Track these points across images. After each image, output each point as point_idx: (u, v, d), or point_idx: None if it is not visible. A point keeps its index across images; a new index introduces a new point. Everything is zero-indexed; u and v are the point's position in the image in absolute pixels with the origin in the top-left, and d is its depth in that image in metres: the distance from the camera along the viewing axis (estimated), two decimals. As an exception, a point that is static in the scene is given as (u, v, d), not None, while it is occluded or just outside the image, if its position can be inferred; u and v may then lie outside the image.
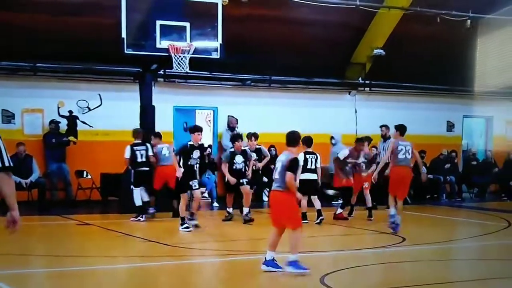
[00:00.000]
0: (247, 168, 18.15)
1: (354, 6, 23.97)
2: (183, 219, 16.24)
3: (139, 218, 18.28)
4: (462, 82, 28.06)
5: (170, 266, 12.60)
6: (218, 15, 20.82)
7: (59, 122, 22.42)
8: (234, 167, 17.87)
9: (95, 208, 21.30)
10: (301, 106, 25.58)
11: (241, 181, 17.89)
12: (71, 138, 22.40)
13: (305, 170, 16.61)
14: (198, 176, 16.89)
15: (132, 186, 18.48)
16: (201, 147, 16.76)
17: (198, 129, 16.79)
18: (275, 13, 24.17)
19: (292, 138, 11.47)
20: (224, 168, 18.03)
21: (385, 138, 21.34)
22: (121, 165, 19.98)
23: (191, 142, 16.42)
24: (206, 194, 22.46)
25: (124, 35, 19.87)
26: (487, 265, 12.94)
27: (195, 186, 16.54)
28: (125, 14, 19.88)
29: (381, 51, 26.19)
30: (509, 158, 27.28)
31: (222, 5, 20.87)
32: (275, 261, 11.08)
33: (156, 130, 21.38)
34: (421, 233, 16.77)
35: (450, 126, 28.88)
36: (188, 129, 16.96)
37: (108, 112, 23.08)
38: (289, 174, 10.95)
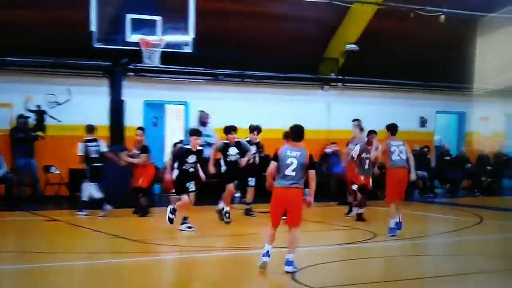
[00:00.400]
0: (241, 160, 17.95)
1: (327, 0, 24.17)
2: (185, 218, 16.09)
3: (84, 213, 18.72)
4: (436, 78, 28.36)
5: (139, 263, 12.69)
6: (190, 9, 21.03)
7: (28, 117, 22.44)
8: (228, 159, 17.67)
9: (64, 203, 21.27)
10: (274, 101, 25.66)
11: (234, 182, 17.78)
12: (39, 133, 22.41)
13: None
14: (194, 179, 16.34)
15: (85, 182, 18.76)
16: (199, 152, 16.35)
17: (196, 133, 16.51)
18: (248, 8, 24.24)
19: (299, 133, 11.50)
20: (212, 156, 17.86)
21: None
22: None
23: (188, 146, 16.24)
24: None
25: (94, 28, 20.05)
26: (460, 261, 13.23)
27: (191, 188, 16.09)
28: (95, 8, 20.03)
29: (355, 46, 26.33)
30: (482, 154, 27.65)
31: (195, -1, 21.55)
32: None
33: (126, 125, 22.01)
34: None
35: (423, 122, 29.00)
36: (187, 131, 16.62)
37: (77, 106, 22.97)
38: (313, 172, 11.21)
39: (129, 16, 20.74)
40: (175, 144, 23.16)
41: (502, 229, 18.01)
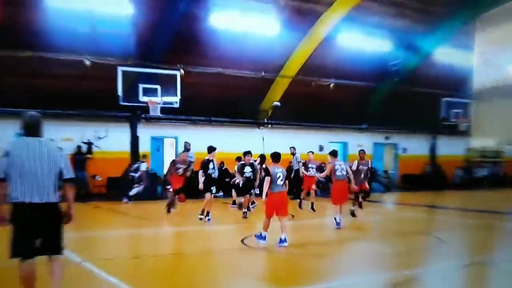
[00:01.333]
0: (254, 177, 17.02)
1: (261, 76, 26.30)
2: (204, 212, 15.49)
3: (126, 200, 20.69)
4: (328, 120, 29.20)
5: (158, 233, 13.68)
6: (177, 81, 22.46)
7: (81, 146, 23.23)
8: (244, 176, 16.82)
9: (104, 199, 21.87)
10: (229, 136, 26.09)
11: (251, 191, 17.12)
12: (89, 156, 23.21)
13: None
14: (216, 181, 15.56)
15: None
16: (213, 162, 15.50)
17: (213, 150, 15.55)
18: (212, 80, 25.31)
19: (278, 157, 11.51)
20: (237, 174, 17.23)
21: (294, 155, 21.80)
22: (120, 171, 22.07)
23: (208, 158, 15.41)
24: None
25: (120, 93, 21.49)
26: (340, 233, 13.68)
27: (213, 191, 15.39)
28: (120, 80, 21.52)
29: (278, 103, 27.53)
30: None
31: (180, 76, 22.63)
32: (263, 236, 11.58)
33: (140, 151, 22.77)
34: (303, 213, 17.58)
35: (321, 148, 29.33)
36: (207, 148, 15.68)
37: (111, 139, 23.56)
38: (286, 181, 11.44)
39: (141, 86, 22.03)
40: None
41: (370, 214, 18.17)
